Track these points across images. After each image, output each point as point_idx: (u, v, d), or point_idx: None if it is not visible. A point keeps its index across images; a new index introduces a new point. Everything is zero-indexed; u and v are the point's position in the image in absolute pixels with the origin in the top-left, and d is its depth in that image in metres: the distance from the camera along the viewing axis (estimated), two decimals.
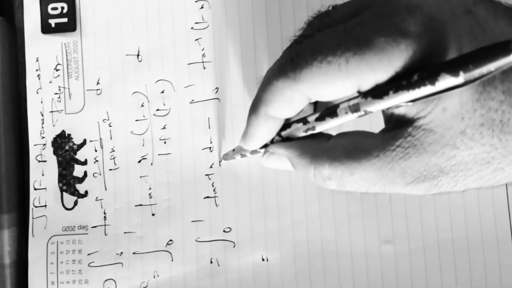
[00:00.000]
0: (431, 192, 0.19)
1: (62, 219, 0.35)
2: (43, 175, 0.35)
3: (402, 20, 0.17)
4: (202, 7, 0.35)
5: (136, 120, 0.35)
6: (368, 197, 0.33)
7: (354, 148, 0.19)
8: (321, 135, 0.22)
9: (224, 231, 0.34)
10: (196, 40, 0.35)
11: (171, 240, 0.34)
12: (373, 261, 0.33)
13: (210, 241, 0.34)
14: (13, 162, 0.36)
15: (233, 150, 0.30)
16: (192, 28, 0.35)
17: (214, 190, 0.34)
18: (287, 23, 0.34)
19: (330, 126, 0.21)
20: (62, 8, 0.35)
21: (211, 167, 0.34)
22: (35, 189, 0.35)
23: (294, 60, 0.19)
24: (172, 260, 0.34)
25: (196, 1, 0.35)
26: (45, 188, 0.35)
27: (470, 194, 0.33)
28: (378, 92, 0.18)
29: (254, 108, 0.22)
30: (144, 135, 0.35)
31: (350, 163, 0.19)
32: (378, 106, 0.18)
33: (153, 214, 0.34)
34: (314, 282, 0.33)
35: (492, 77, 0.16)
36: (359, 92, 0.19)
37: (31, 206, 0.35)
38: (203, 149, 0.34)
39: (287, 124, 0.23)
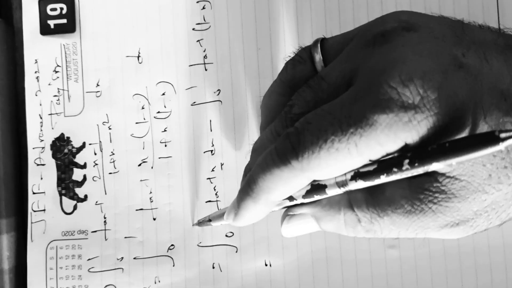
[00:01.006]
0: (466, 234, 0.19)
1: (61, 224, 0.34)
2: (41, 178, 0.35)
3: (399, 94, 0.17)
4: (203, 8, 0.34)
5: (136, 123, 0.34)
6: None
7: (379, 192, 0.19)
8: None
9: (226, 235, 0.33)
10: (197, 41, 0.34)
11: (172, 245, 0.34)
12: (378, 267, 0.32)
13: (212, 246, 0.33)
14: (12, 166, 0.35)
15: (209, 219, 0.29)
16: (193, 29, 0.34)
17: (216, 194, 0.34)
18: (289, 23, 0.34)
19: (316, 199, 0.21)
20: (61, 9, 0.35)
21: (212, 170, 0.34)
22: (34, 193, 0.35)
23: (296, 149, 0.19)
24: (173, 265, 0.33)
25: (197, 2, 0.34)
26: (44, 192, 0.35)
27: None
28: (368, 176, 0.18)
29: (252, 193, 0.21)
30: (144, 138, 0.34)
31: (380, 206, 0.19)
32: (359, 185, 0.19)
33: (154, 219, 0.34)
34: (318, 286, 0.32)
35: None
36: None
37: (29, 210, 0.35)
38: (204, 152, 0.34)
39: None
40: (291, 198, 0.21)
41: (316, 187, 0.20)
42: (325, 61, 0.22)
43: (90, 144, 0.35)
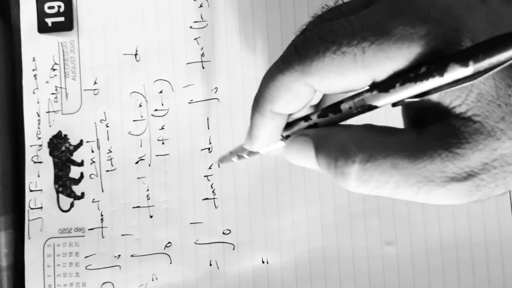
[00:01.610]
0: (471, 197, 0.17)
1: (58, 221, 0.34)
2: (39, 176, 0.35)
3: (421, 6, 0.16)
4: (201, 6, 0.34)
5: (134, 121, 0.34)
6: (370, 198, 0.33)
7: (386, 131, 0.18)
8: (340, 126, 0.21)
9: (223, 233, 0.33)
10: (195, 39, 0.34)
11: (169, 242, 0.34)
12: (375, 263, 0.32)
13: (209, 243, 0.33)
14: (9, 163, 0.35)
15: (230, 152, 0.29)
16: (190, 27, 0.34)
17: (213, 192, 0.34)
18: (287, 21, 0.34)
19: (333, 122, 0.20)
20: (59, 7, 0.35)
21: (210, 168, 0.34)
22: (31, 190, 0.35)
23: (300, 50, 0.18)
24: (170, 263, 0.33)
25: (194, 0, 0.34)
26: (41, 190, 0.35)
27: None
28: (384, 86, 0.17)
29: (258, 106, 0.20)
30: (141, 135, 0.34)
31: (384, 140, 0.17)
32: (384, 101, 0.17)
33: (151, 216, 0.34)
34: (315, 284, 0.32)
35: None
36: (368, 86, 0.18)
37: (26, 208, 0.35)
38: (201, 149, 0.34)
39: (288, 123, 0.22)
40: (306, 118, 0.20)
41: (332, 106, 0.19)
42: None
43: (87, 141, 0.35)
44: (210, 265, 0.33)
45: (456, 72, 0.15)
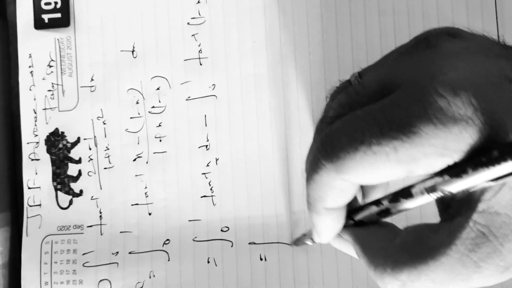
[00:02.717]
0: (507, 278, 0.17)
1: (57, 219, 0.34)
2: (36, 173, 0.35)
3: (449, 103, 0.16)
4: (198, 2, 0.34)
5: (131, 118, 0.34)
6: None
7: (419, 247, 0.17)
8: (390, 229, 0.21)
9: (221, 230, 0.33)
10: (192, 35, 0.34)
11: (167, 239, 0.34)
12: None
13: (207, 240, 0.33)
14: (5, 161, 0.35)
15: (305, 235, 0.29)
16: (188, 23, 0.34)
17: (211, 189, 0.33)
18: (286, 17, 0.33)
19: (405, 208, 0.19)
20: (56, 3, 0.35)
21: (207, 165, 0.34)
22: (29, 188, 0.35)
23: (329, 149, 0.18)
24: (168, 260, 0.33)
25: None
26: (39, 187, 0.35)
27: None
28: (455, 171, 0.16)
29: (312, 206, 0.20)
30: (139, 133, 0.34)
31: (416, 266, 0.17)
32: (457, 186, 0.16)
33: (149, 213, 0.34)
34: (312, 281, 0.32)
35: None
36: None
37: (25, 205, 0.34)
38: (199, 147, 0.34)
39: (361, 206, 0.22)
40: (377, 203, 0.20)
41: (403, 190, 0.19)
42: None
43: (84, 139, 0.34)
44: (208, 262, 0.33)
45: None
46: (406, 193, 0.19)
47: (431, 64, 0.17)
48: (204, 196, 0.34)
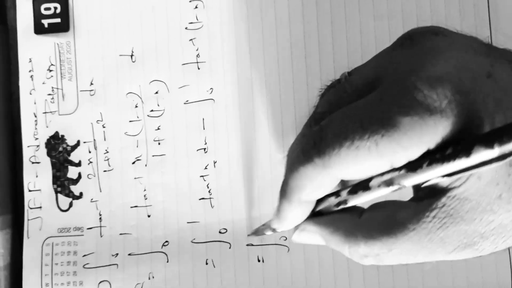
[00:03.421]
0: (472, 256, 0.18)
1: (57, 221, 0.35)
2: (37, 176, 0.35)
3: (425, 96, 0.16)
4: (196, 7, 0.34)
5: (130, 121, 0.35)
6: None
7: (388, 222, 0.19)
8: (353, 208, 0.22)
9: (220, 232, 0.34)
10: (190, 40, 0.34)
11: (166, 241, 0.34)
12: (370, 267, 0.32)
13: (206, 242, 0.34)
14: (6, 164, 0.35)
15: (263, 225, 0.29)
16: (186, 28, 0.35)
17: (209, 192, 0.34)
18: (281, 22, 0.34)
19: (363, 201, 0.20)
20: (55, 8, 0.35)
21: (205, 168, 0.34)
22: (30, 190, 0.35)
23: (317, 145, 0.19)
24: (167, 261, 0.34)
25: (190, 1, 0.34)
26: (40, 190, 0.35)
27: None
28: (412, 166, 0.17)
29: (286, 194, 0.21)
30: (138, 136, 0.35)
31: (386, 239, 0.19)
32: (412, 181, 0.18)
33: (148, 216, 0.34)
34: (310, 283, 0.33)
35: None
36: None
37: (26, 207, 0.35)
38: (197, 150, 0.34)
39: (320, 198, 0.22)
40: (336, 194, 0.21)
41: (362, 184, 0.20)
42: None
43: (84, 142, 0.35)
44: (207, 263, 0.34)
45: (481, 154, 0.15)
46: (364, 186, 0.20)
47: (412, 60, 0.18)
48: (202, 198, 0.34)
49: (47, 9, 0.35)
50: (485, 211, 0.17)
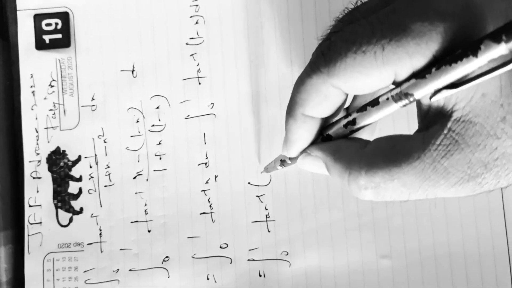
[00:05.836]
0: (474, 193, 0.18)
1: (57, 236, 0.35)
2: (38, 191, 0.35)
3: (439, 2, 0.17)
4: (197, 23, 0.35)
5: (131, 136, 0.35)
6: (365, 212, 0.33)
7: (393, 151, 0.19)
8: (359, 140, 0.22)
9: (220, 247, 0.34)
10: (191, 55, 0.35)
11: (167, 256, 0.34)
12: (371, 277, 0.33)
13: (207, 257, 0.34)
14: (8, 179, 0.35)
15: (274, 160, 0.29)
16: (187, 43, 0.35)
17: (210, 206, 0.34)
18: (282, 38, 0.34)
19: (372, 120, 0.20)
20: (56, 24, 0.35)
21: (207, 182, 0.34)
22: (30, 205, 0.35)
23: (325, 54, 0.19)
24: (168, 277, 0.34)
25: (190, 17, 0.35)
26: (40, 205, 0.35)
27: (466, 206, 0.32)
28: (420, 73, 0.17)
29: (290, 110, 0.21)
30: (139, 151, 0.35)
31: (390, 168, 0.18)
32: (422, 90, 0.17)
33: (149, 231, 0.34)
34: None
35: None
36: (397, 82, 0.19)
37: (26, 223, 0.35)
38: (198, 164, 0.34)
39: (328, 125, 0.22)
40: (346, 116, 0.21)
41: (371, 101, 0.20)
42: None
43: (85, 157, 0.35)
44: (208, 279, 0.33)
45: (490, 52, 0.15)
46: (373, 101, 0.20)
47: None
48: (203, 213, 0.34)
49: (48, 24, 0.35)
50: (489, 135, 0.17)
